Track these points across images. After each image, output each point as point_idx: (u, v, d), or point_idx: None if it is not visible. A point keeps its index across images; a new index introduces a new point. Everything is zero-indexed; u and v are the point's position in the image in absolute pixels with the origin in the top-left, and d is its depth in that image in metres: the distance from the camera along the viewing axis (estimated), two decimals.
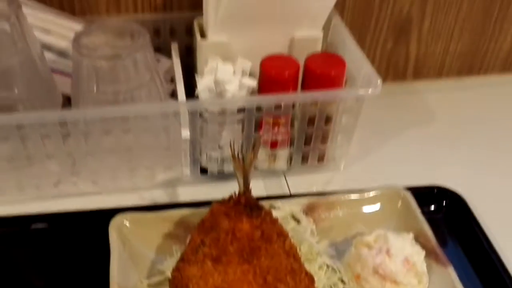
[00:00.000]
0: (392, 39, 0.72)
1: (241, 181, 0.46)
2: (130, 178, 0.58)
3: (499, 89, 0.76)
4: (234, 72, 0.57)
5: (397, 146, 0.66)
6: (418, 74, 0.76)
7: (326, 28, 0.62)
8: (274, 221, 0.46)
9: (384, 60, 0.74)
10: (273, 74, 0.55)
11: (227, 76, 0.55)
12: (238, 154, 0.47)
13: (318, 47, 0.61)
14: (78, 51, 0.52)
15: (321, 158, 0.61)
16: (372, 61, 0.73)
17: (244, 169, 0.46)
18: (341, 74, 0.55)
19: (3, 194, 0.56)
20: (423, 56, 0.75)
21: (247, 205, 0.45)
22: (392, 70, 0.75)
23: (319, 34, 0.60)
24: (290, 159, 0.60)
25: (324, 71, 0.55)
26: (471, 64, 0.77)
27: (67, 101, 0.59)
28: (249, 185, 0.47)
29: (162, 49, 0.66)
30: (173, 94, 0.61)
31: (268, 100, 0.54)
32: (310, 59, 0.56)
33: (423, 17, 0.71)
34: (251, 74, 0.58)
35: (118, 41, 0.55)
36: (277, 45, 0.59)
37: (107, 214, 0.50)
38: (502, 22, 0.73)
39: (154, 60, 0.57)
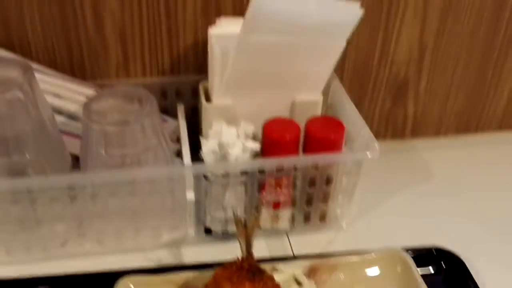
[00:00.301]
0: (390, 99, 0.75)
1: (244, 246, 0.48)
2: (135, 238, 0.59)
3: (496, 147, 0.78)
4: (237, 135, 0.59)
5: (397, 204, 0.67)
6: (417, 132, 0.78)
7: (326, 90, 0.65)
8: (276, 285, 0.47)
9: (383, 119, 0.76)
10: (275, 137, 0.57)
11: (231, 140, 0.57)
12: (240, 220, 0.48)
13: (318, 110, 0.63)
14: (89, 116, 0.55)
15: (323, 218, 0.62)
16: (372, 120, 0.76)
17: (246, 234, 0.48)
18: (340, 138, 0.57)
19: (11, 255, 0.57)
20: (421, 115, 0.77)
21: (249, 270, 0.46)
22: (391, 128, 0.77)
23: (319, 97, 0.63)
24: (293, 219, 0.61)
25: (324, 135, 0.57)
26: (468, 123, 0.79)
27: (75, 161, 0.61)
28: (251, 250, 0.48)
29: (168, 110, 0.68)
30: (179, 154, 0.63)
31: (270, 163, 0.56)
32: (310, 122, 0.58)
33: (420, 78, 0.74)
34: (254, 136, 0.60)
35: (127, 106, 0.58)
36: (279, 108, 0.62)
37: (112, 277, 0.51)
38: (498, 81, 0.76)
39: (160, 123, 0.59)
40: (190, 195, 0.55)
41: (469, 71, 0.74)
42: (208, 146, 0.58)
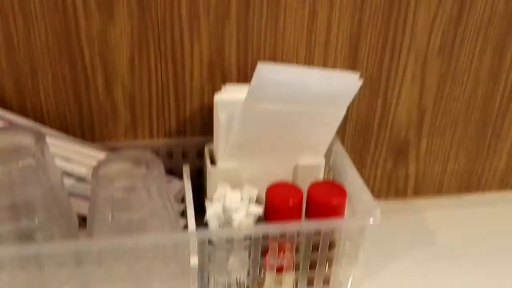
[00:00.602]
0: (392, 160, 0.76)
1: None
2: None
3: (498, 206, 0.79)
4: (241, 198, 0.60)
5: (400, 267, 0.67)
6: (418, 192, 0.80)
7: (328, 153, 0.67)
8: None
9: (385, 179, 0.78)
10: (278, 202, 0.58)
11: (235, 204, 0.59)
12: (243, 286, 0.49)
13: (321, 174, 0.65)
14: (97, 182, 0.56)
15: (326, 282, 0.62)
16: (374, 180, 0.77)
17: None
18: (342, 203, 0.59)
19: None
20: (422, 175, 0.78)
21: None
22: (393, 188, 0.79)
23: (321, 161, 0.64)
24: (296, 283, 0.61)
25: (326, 200, 0.58)
26: (469, 183, 0.80)
27: (83, 221, 0.62)
28: None
29: (174, 171, 0.70)
30: (183, 213, 0.64)
31: (274, 229, 0.57)
32: (312, 187, 0.60)
33: (420, 139, 0.75)
34: (258, 200, 0.61)
35: (134, 170, 0.59)
36: (282, 172, 0.63)
37: None
38: (496, 143, 0.78)
39: (166, 186, 0.60)
40: (194, 261, 0.56)
41: (468, 131, 0.76)
42: (212, 210, 0.59)
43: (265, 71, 0.55)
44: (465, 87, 0.72)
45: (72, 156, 0.64)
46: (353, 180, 0.63)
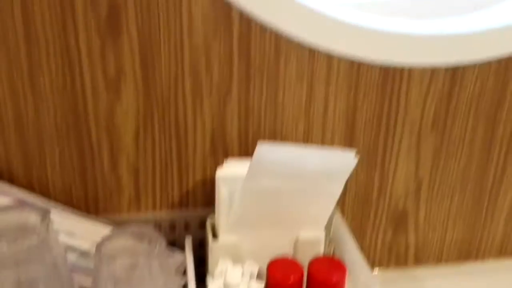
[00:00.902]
0: (391, 229, 0.77)
1: None
2: None
3: (497, 274, 0.79)
4: (242, 274, 0.61)
5: None
6: (419, 260, 0.80)
7: (329, 225, 0.68)
8: None
9: (385, 248, 0.78)
10: (279, 279, 0.58)
11: (236, 280, 0.59)
12: None
13: (321, 247, 0.65)
14: (99, 259, 0.57)
15: None
16: (375, 248, 0.78)
17: None
18: (342, 280, 0.59)
19: None
20: (422, 244, 0.79)
21: None
22: (394, 257, 0.79)
23: (321, 235, 0.65)
24: None
25: (326, 278, 0.58)
26: (468, 251, 0.81)
27: None
28: None
29: (177, 242, 0.71)
30: (185, 287, 0.65)
31: None
32: (313, 264, 0.60)
33: (418, 209, 0.77)
34: (259, 274, 0.62)
35: (137, 246, 0.60)
36: (283, 245, 0.64)
37: None
38: (493, 212, 0.79)
39: (168, 262, 0.61)
40: None
41: (465, 202, 0.78)
42: (214, 287, 0.59)
43: (264, 150, 0.58)
44: (460, 159, 0.74)
45: (75, 231, 0.66)
46: (352, 254, 0.63)
